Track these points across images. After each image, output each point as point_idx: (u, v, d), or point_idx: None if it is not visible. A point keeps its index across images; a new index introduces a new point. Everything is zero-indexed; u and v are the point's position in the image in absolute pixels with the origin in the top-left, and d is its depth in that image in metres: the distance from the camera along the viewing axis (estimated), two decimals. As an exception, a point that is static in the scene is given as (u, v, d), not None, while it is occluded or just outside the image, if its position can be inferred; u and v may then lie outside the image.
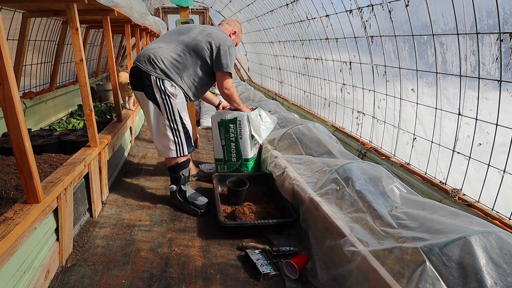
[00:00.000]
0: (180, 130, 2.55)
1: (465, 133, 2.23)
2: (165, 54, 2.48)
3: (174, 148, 2.56)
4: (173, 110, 2.50)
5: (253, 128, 2.97)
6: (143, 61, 2.47)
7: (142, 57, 2.48)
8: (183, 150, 2.58)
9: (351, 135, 3.66)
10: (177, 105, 2.51)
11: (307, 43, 4.82)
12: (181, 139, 2.57)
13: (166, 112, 2.49)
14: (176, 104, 2.50)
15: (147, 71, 2.44)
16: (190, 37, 2.57)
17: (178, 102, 2.52)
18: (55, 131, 3.31)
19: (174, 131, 2.53)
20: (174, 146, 2.55)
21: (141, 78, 2.46)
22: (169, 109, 2.49)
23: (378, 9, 2.83)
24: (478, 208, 2.04)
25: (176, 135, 2.55)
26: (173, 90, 2.48)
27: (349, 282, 1.63)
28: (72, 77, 5.66)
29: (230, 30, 2.85)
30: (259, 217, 2.45)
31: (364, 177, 2.16)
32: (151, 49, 2.51)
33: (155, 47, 2.52)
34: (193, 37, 2.57)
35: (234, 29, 2.87)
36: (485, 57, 1.98)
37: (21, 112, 1.49)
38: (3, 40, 1.36)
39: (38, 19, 3.76)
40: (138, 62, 2.49)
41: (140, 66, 2.47)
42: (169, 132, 2.53)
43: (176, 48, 2.52)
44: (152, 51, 2.48)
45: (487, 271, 1.28)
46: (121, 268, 1.96)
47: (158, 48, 2.50)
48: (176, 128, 2.53)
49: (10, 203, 1.78)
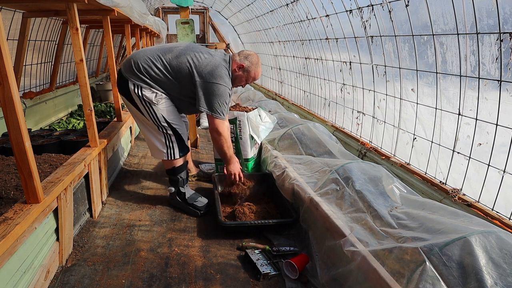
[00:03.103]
0: (170, 134, 2.47)
1: (465, 133, 2.23)
2: (146, 65, 2.32)
3: (165, 151, 2.51)
4: (157, 116, 2.38)
5: (251, 129, 2.97)
6: (126, 67, 2.39)
7: (126, 62, 2.41)
8: (174, 154, 2.52)
9: (351, 135, 3.66)
10: (160, 111, 2.37)
11: (307, 43, 4.82)
12: (172, 143, 2.50)
13: (152, 119, 2.40)
14: (158, 110, 2.37)
15: (125, 77, 2.36)
16: (177, 58, 2.33)
17: (162, 108, 2.38)
18: (55, 131, 3.31)
19: (165, 135, 2.47)
20: (165, 149, 2.51)
21: (122, 83, 2.40)
22: (152, 115, 2.38)
23: (378, 9, 2.83)
24: (478, 208, 2.04)
25: (167, 139, 2.48)
26: (152, 96, 2.33)
27: (349, 282, 1.63)
28: (72, 77, 5.66)
29: (237, 63, 2.42)
30: (259, 217, 2.45)
31: (364, 177, 2.16)
32: (135, 56, 2.38)
33: (140, 55, 2.37)
34: (180, 59, 2.33)
35: (242, 62, 2.41)
36: (485, 57, 1.98)
37: (21, 112, 1.49)
38: (3, 40, 1.36)
39: (38, 19, 3.75)
40: (122, 66, 2.43)
41: (122, 71, 2.40)
42: (160, 135, 2.47)
43: (160, 64, 2.34)
44: (135, 58, 2.36)
45: (487, 271, 1.28)
46: (121, 268, 1.96)
47: (142, 57, 2.35)
48: (166, 132, 2.46)
49: (10, 203, 1.78)
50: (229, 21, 9.22)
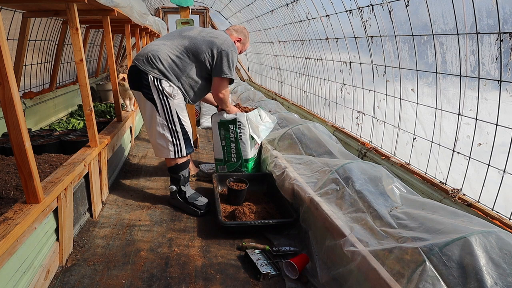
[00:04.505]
0: (178, 131, 2.52)
1: (465, 133, 2.23)
2: (163, 54, 2.45)
3: (172, 149, 2.54)
4: (171, 110, 2.47)
5: (251, 129, 2.97)
6: (141, 60, 2.46)
7: (141, 56, 2.47)
8: (181, 151, 2.56)
9: (351, 135, 3.66)
10: (175, 105, 2.48)
11: (307, 43, 4.82)
12: (179, 140, 2.54)
13: (164, 113, 2.47)
14: (174, 104, 2.47)
15: (145, 70, 2.43)
16: (191, 40, 2.52)
17: (176, 102, 2.49)
18: (55, 131, 3.31)
19: (172, 132, 2.51)
20: (172, 147, 2.54)
21: (139, 77, 2.45)
22: (167, 109, 2.46)
23: (378, 9, 2.83)
24: (478, 208, 2.04)
25: (174, 136, 2.52)
26: (170, 90, 2.45)
27: (349, 282, 1.63)
28: (72, 77, 5.66)
29: (235, 36, 2.78)
30: (259, 217, 2.45)
31: (364, 177, 2.16)
32: (150, 49, 2.49)
33: (155, 47, 2.49)
34: (194, 40, 2.52)
35: (240, 36, 2.80)
36: (484, 57, 1.99)
37: (21, 112, 1.49)
38: (3, 40, 1.36)
39: (38, 19, 3.75)
40: (136, 61, 2.48)
41: (138, 65, 2.45)
42: (167, 132, 2.51)
43: (175, 50, 2.49)
44: (151, 51, 2.46)
45: (487, 271, 1.28)
46: (121, 268, 1.96)
47: (158, 48, 2.47)
48: (174, 129, 2.51)
49: (10, 203, 1.78)
50: (229, 21, 9.22)
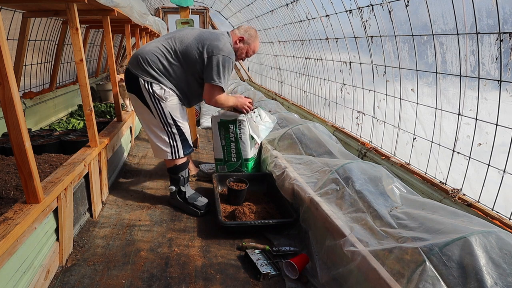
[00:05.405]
0: (175, 132, 2.50)
1: (465, 133, 2.23)
2: (153, 58, 2.39)
3: (169, 151, 2.52)
4: (164, 113, 2.44)
5: (251, 129, 2.97)
6: (134, 63, 2.44)
7: (133, 60, 2.45)
8: (178, 153, 2.54)
9: (351, 135, 3.66)
10: (168, 108, 2.44)
11: (307, 43, 4.82)
12: (177, 142, 2.52)
13: (159, 116, 2.45)
14: (167, 107, 2.43)
15: (136, 74, 2.40)
16: (182, 43, 2.43)
17: (170, 104, 2.44)
18: (55, 131, 3.31)
19: (169, 133, 2.49)
20: (169, 148, 2.52)
21: (132, 81, 2.44)
22: (160, 112, 2.43)
23: (378, 9, 2.83)
24: (478, 208, 2.04)
25: (171, 138, 2.51)
26: (162, 93, 2.40)
27: (349, 282, 1.63)
28: (72, 77, 5.66)
29: (237, 36, 2.56)
30: (259, 217, 2.45)
31: (364, 177, 2.16)
32: (141, 51, 2.44)
33: (146, 49, 2.44)
34: (186, 43, 2.42)
35: (242, 35, 2.56)
36: (484, 57, 1.98)
37: (21, 112, 1.49)
38: (3, 40, 1.36)
39: (38, 19, 3.75)
40: (130, 64, 2.47)
41: (130, 69, 2.44)
42: (163, 134, 2.49)
43: (167, 53, 2.42)
44: (142, 53, 2.42)
45: (487, 271, 1.28)
46: (121, 268, 1.96)
47: (148, 51, 2.42)
48: (170, 131, 2.49)
49: (10, 203, 1.78)
50: (229, 21, 9.22)
